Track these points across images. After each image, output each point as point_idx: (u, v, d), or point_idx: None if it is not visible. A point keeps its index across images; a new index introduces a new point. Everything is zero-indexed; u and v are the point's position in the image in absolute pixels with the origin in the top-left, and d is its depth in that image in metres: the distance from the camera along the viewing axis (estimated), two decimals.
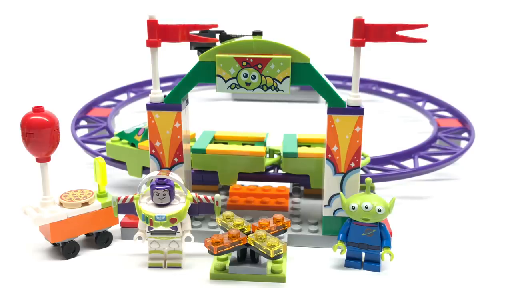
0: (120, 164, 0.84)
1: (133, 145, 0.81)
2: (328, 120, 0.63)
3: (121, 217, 0.70)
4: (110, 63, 1.71)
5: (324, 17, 1.81)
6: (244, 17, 1.74)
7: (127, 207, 0.62)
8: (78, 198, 0.65)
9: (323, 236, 0.67)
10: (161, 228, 0.60)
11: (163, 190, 0.60)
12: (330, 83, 0.63)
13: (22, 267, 0.63)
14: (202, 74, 0.64)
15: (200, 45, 0.67)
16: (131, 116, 1.24)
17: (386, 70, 1.52)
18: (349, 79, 1.39)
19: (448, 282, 0.60)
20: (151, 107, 0.65)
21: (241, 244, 0.58)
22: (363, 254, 0.63)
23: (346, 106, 0.63)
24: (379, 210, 0.59)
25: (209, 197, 0.63)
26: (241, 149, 0.75)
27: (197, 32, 0.64)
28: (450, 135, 1.00)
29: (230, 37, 0.67)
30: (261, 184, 0.81)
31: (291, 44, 0.62)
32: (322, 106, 0.69)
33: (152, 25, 0.63)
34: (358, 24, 0.60)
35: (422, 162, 0.90)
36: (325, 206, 0.66)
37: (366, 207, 0.60)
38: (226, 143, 0.80)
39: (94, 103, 1.18)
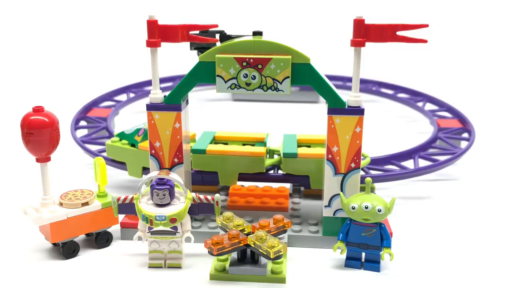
0: (120, 164, 0.84)
1: (133, 145, 0.81)
2: (328, 120, 0.63)
3: (121, 217, 0.69)
4: (110, 63, 1.71)
5: (324, 17, 1.81)
6: (244, 17, 1.74)
7: (127, 207, 0.62)
8: (78, 198, 0.65)
9: (323, 237, 0.67)
10: (161, 228, 0.60)
11: (163, 190, 0.60)
12: (330, 83, 0.63)
13: (22, 267, 0.63)
14: (202, 74, 0.64)
15: (200, 45, 0.67)
16: (131, 117, 1.24)
17: (386, 71, 1.52)
18: (349, 79, 1.39)
19: (448, 282, 0.60)
20: (151, 107, 0.65)
21: (241, 244, 0.58)
22: (363, 254, 0.63)
23: (346, 107, 0.63)
24: (379, 210, 0.59)
25: (209, 197, 0.63)
26: (241, 149, 0.75)
27: (197, 32, 0.64)
28: (450, 135, 1.00)
29: (230, 37, 0.67)
30: (261, 184, 0.81)
31: (291, 44, 0.62)
32: (322, 106, 0.69)
33: (152, 25, 0.63)
34: (359, 24, 0.60)
35: (422, 163, 0.90)
36: (325, 206, 0.66)
37: (366, 207, 0.60)
38: (226, 144, 0.79)
39: (94, 104, 1.18)
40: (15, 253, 0.66)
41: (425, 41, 0.61)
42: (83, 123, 1.10)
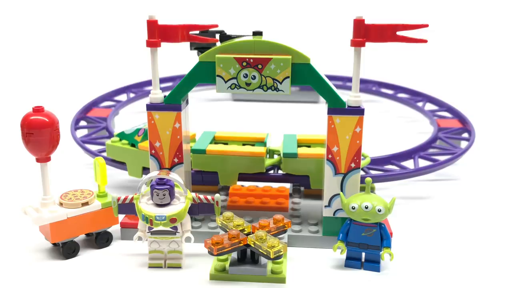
0: (120, 164, 0.84)
1: (133, 145, 0.81)
2: (328, 120, 0.63)
3: (121, 217, 0.69)
4: (110, 63, 1.71)
5: (324, 17, 1.81)
6: (244, 17, 1.74)
7: (127, 207, 0.62)
8: (78, 198, 0.65)
9: (323, 237, 0.67)
10: (161, 228, 0.60)
11: (163, 190, 0.60)
12: (330, 83, 0.63)
13: (22, 267, 0.63)
14: (202, 74, 0.64)
15: (200, 45, 0.67)
16: (131, 117, 1.24)
17: (386, 70, 1.52)
18: (349, 79, 1.39)
19: (448, 282, 0.60)
20: (151, 107, 0.65)
21: (241, 244, 0.58)
22: (363, 254, 0.63)
23: (346, 107, 0.63)
24: (379, 210, 0.59)
25: (209, 197, 0.63)
26: (241, 149, 0.75)
27: (197, 32, 0.64)
28: (450, 135, 1.00)
29: (230, 37, 0.67)
30: (261, 184, 0.81)
31: (291, 44, 0.62)
32: (322, 106, 0.69)
33: (152, 25, 0.63)
34: (359, 24, 0.60)
35: (422, 163, 0.90)
36: (325, 206, 0.66)
37: (366, 207, 0.60)
38: (226, 144, 0.79)
39: (94, 104, 1.18)
40: (15, 253, 0.66)
41: (425, 41, 0.61)
42: (83, 123, 1.10)
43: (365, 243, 0.61)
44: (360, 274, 0.62)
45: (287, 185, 0.82)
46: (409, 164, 0.90)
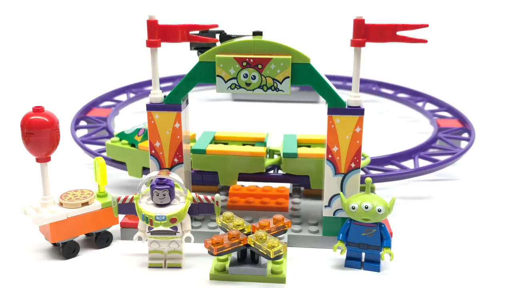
0: (120, 164, 0.84)
1: (133, 145, 0.81)
2: (328, 120, 0.63)
3: (121, 217, 0.69)
4: (110, 63, 1.71)
5: (324, 17, 1.81)
6: (244, 17, 1.74)
7: (127, 207, 0.62)
8: (78, 198, 0.65)
9: (323, 237, 0.67)
10: (161, 228, 0.60)
11: (163, 190, 0.60)
12: (330, 83, 0.63)
13: (22, 267, 0.63)
14: (202, 74, 0.64)
15: (200, 45, 0.67)
16: (131, 117, 1.24)
17: (386, 70, 1.52)
18: (349, 79, 1.39)
19: (448, 282, 0.60)
20: (151, 107, 0.65)
21: (241, 244, 0.58)
22: (363, 254, 0.63)
23: (346, 107, 0.63)
24: (379, 210, 0.59)
25: (209, 197, 0.63)
26: (241, 149, 0.75)
27: (197, 32, 0.64)
28: (450, 135, 1.00)
29: (230, 37, 0.67)
30: (261, 184, 0.81)
31: (291, 44, 0.62)
32: (322, 106, 0.69)
33: (152, 25, 0.63)
34: (359, 24, 0.60)
35: (422, 163, 0.90)
36: (325, 206, 0.66)
37: (366, 207, 0.60)
38: (226, 144, 0.79)
39: (94, 104, 1.18)
40: (15, 253, 0.66)
41: (425, 41, 0.61)
42: (83, 123, 1.10)
43: (365, 243, 0.61)
44: (360, 274, 0.62)
45: (287, 185, 0.82)
46: (409, 164, 0.90)
